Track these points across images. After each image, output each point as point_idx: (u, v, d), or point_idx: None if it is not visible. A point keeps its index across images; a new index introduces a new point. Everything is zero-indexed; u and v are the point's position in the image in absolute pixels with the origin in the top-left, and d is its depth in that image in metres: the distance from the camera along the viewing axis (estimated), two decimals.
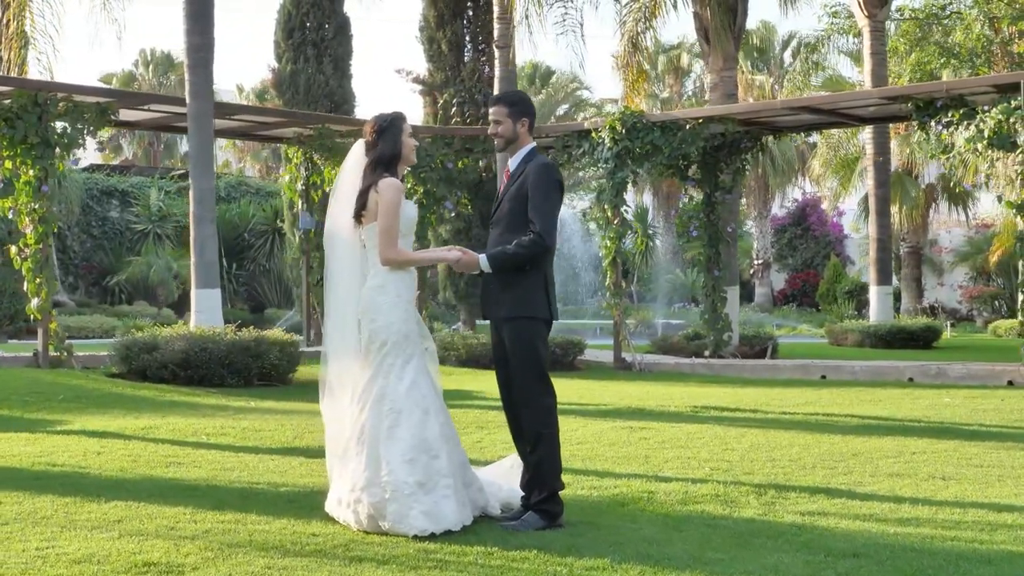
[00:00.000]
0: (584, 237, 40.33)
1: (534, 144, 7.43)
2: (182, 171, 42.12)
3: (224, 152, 60.24)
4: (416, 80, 26.01)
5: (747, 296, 43.58)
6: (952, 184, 36.85)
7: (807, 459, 9.82)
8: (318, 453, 9.96)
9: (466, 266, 7.22)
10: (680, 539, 6.71)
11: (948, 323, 32.37)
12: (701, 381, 17.77)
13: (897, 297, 36.92)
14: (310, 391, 15.40)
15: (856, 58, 37.88)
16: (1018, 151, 16.58)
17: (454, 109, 23.66)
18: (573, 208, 50.13)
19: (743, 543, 6.62)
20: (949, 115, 17.38)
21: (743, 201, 43.68)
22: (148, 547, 6.37)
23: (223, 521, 7.05)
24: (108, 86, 54.26)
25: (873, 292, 25.90)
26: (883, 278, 25.68)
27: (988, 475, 9.07)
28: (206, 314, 16.67)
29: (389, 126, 7.23)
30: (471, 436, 11.29)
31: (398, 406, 6.91)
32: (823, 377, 18.27)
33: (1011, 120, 16.61)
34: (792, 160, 42.81)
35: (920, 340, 24.82)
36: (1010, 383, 16.73)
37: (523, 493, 7.31)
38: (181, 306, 34.36)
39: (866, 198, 39.77)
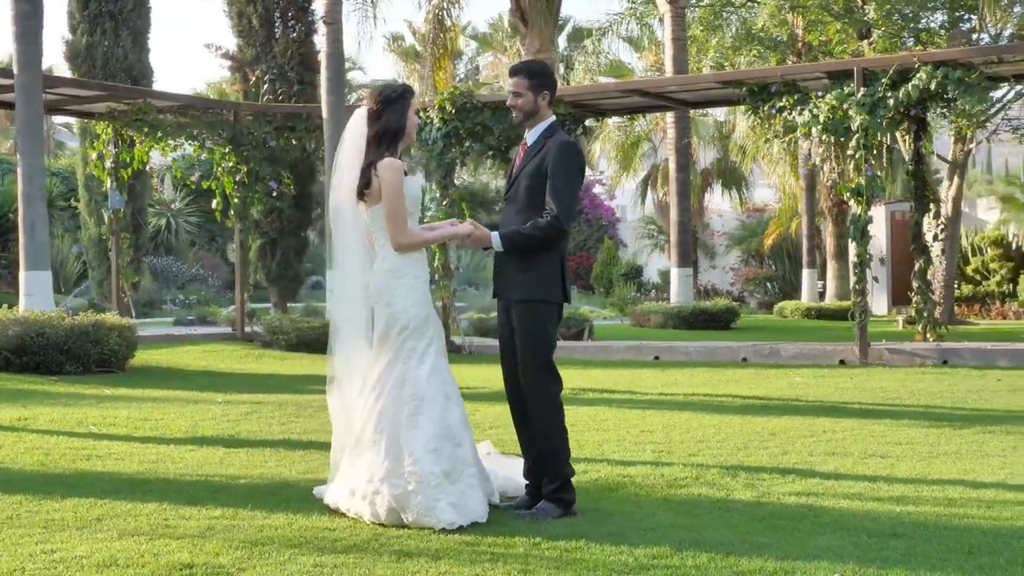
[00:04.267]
0: None
1: (554, 118, 7.13)
2: None
3: None
4: (225, 56, 25.21)
5: None
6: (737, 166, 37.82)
7: (734, 440, 9.84)
8: (236, 443, 9.62)
9: (477, 241, 6.92)
10: (705, 524, 6.60)
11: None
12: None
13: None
14: (152, 377, 15.00)
15: (637, 45, 38.45)
16: (852, 136, 17.01)
17: (266, 86, 22.98)
18: None
19: (773, 526, 6.56)
20: (783, 100, 17.70)
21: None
22: (164, 547, 5.91)
23: (215, 518, 6.61)
24: None
25: (674, 274, 26.25)
26: (683, 260, 26.07)
27: (917, 452, 9.24)
28: (37, 297, 15.80)
29: (398, 98, 6.81)
30: None
31: (420, 392, 6.57)
32: (656, 358, 18.43)
33: (844, 106, 17.04)
34: None
35: (720, 321, 25.33)
36: (842, 362, 17.19)
37: (526, 481, 7.10)
38: None
39: (645, 181, 40.61)
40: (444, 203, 20.08)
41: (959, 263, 29.36)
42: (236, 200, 20.24)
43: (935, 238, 19.42)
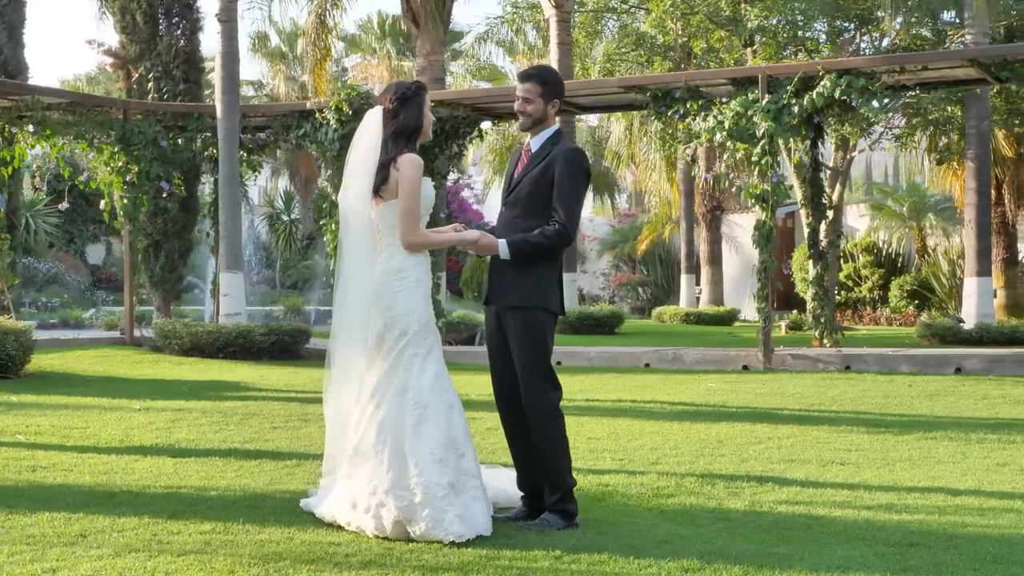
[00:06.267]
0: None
1: (559, 126, 6.97)
2: None
3: None
4: (108, 53, 24.48)
5: None
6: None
7: (687, 447, 9.76)
8: (180, 453, 9.27)
9: (483, 249, 6.73)
10: (714, 535, 6.49)
11: None
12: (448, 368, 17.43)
13: None
14: (54, 383, 14.50)
15: (510, 49, 38.41)
16: (757, 143, 17.11)
17: (150, 84, 22.31)
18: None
19: (782, 537, 6.46)
20: (687, 106, 17.72)
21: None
22: (171, 565, 5.63)
23: (207, 532, 6.31)
24: None
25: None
26: (569, 265, 26.09)
27: (872, 459, 9.26)
28: None
29: (414, 95, 6.63)
30: (298, 431, 10.65)
31: (423, 400, 6.34)
32: (558, 363, 18.30)
33: (749, 113, 17.13)
34: None
35: (605, 326, 25.39)
36: (745, 367, 17.28)
37: (520, 493, 6.93)
38: None
39: None
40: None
41: None
42: (125, 201, 19.58)
43: (831, 244, 19.66)
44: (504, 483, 7.12)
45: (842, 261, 32.30)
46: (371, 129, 6.66)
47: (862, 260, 31.81)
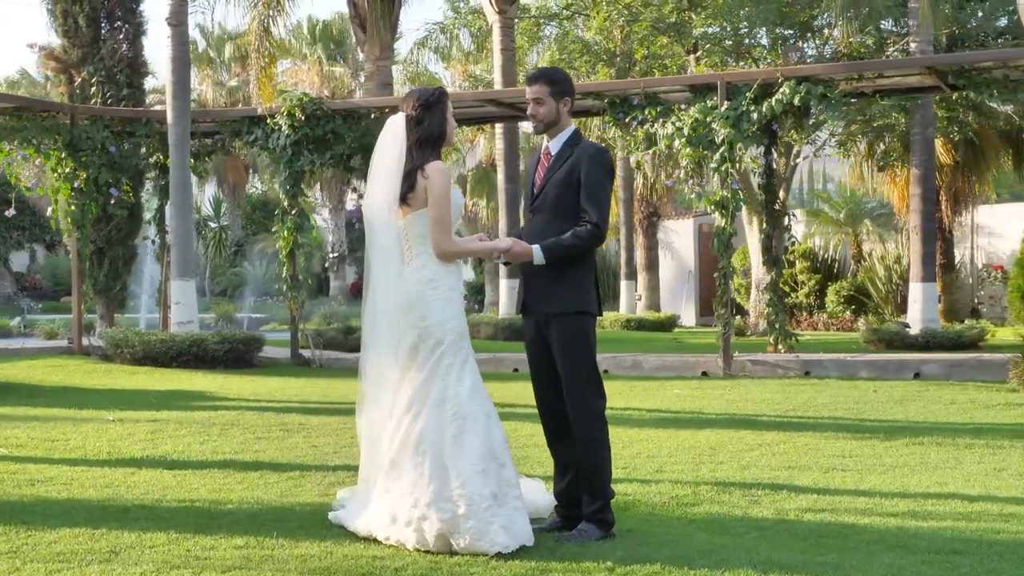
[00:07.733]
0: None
1: (575, 126, 6.87)
2: None
3: None
4: (49, 56, 24.01)
5: (321, 289, 43.32)
6: None
7: (683, 455, 9.74)
8: (175, 465, 9.11)
9: (516, 256, 6.61)
10: (754, 544, 6.46)
11: None
12: None
13: (482, 290, 37.70)
14: (13, 393, 14.31)
15: (445, 56, 38.28)
16: (716, 150, 17.13)
17: (93, 89, 21.89)
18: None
19: (821, 545, 6.45)
20: (645, 113, 17.70)
21: (320, 195, 43.25)
22: None
23: (241, 547, 6.17)
24: None
25: (503, 286, 26.17)
26: (512, 272, 25.98)
27: (870, 465, 9.31)
28: None
29: (437, 101, 6.53)
30: (284, 442, 10.49)
31: (463, 411, 6.23)
32: (515, 370, 18.20)
33: (708, 119, 17.16)
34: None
35: None
36: (704, 374, 17.28)
37: (555, 502, 6.86)
38: None
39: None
40: (293, 212, 19.48)
41: None
42: (73, 207, 19.21)
43: (786, 251, 19.76)
44: (533, 494, 7.03)
45: None
46: (395, 136, 6.54)
47: (799, 266, 32.01)
